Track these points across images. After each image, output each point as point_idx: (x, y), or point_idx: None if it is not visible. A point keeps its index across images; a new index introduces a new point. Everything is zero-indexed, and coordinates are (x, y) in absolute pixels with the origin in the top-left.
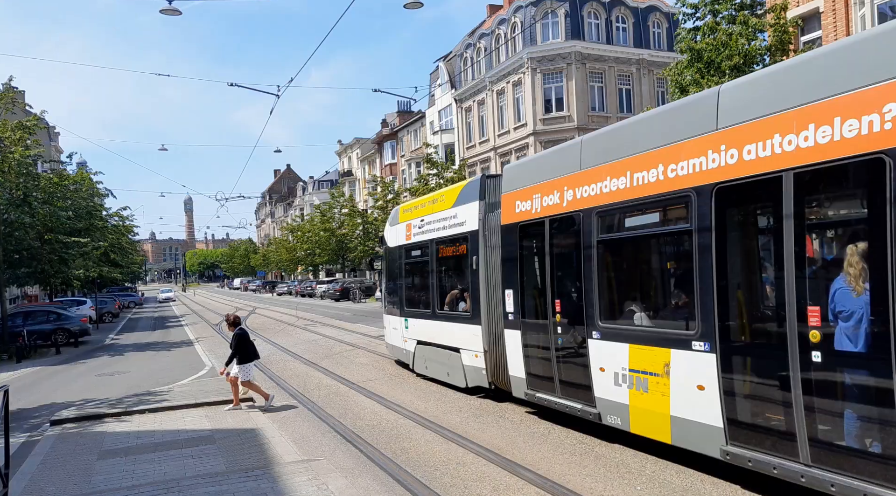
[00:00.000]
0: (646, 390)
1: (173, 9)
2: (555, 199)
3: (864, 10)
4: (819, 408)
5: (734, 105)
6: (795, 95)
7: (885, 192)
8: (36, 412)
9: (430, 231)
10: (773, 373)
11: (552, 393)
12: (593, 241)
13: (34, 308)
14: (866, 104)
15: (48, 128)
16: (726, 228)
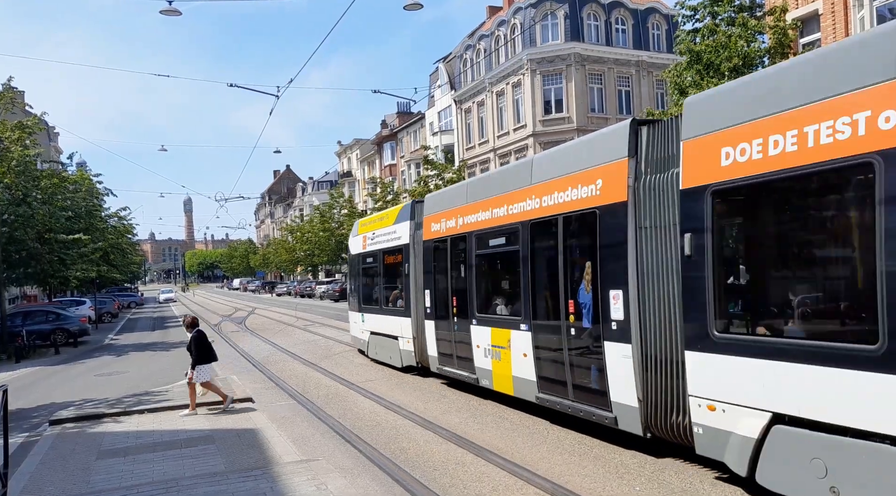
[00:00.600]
0: (499, 359)
1: (173, 9)
2: (453, 223)
3: (863, 13)
4: (576, 364)
5: (539, 170)
6: (557, 169)
7: (595, 237)
8: (35, 412)
9: (379, 242)
10: (557, 344)
11: (453, 366)
12: (473, 255)
13: (33, 308)
14: (584, 180)
15: (48, 128)
16: (536, 250)
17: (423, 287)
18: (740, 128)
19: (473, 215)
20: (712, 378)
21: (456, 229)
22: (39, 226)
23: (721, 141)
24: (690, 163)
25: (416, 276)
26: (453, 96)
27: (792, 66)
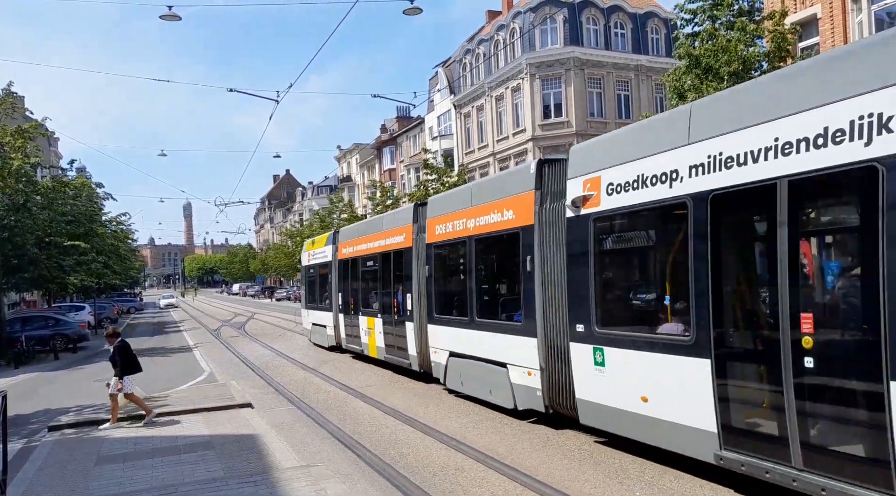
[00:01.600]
0: (369, 336)
1: (173, 14)
2: (356, 248)
3: (861, 17)
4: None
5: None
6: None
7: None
8: (34, 418)
9: (317, 258)
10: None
11: (352, 344)
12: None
13: (32, 313)
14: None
15: (47, 134)
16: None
17: (338, 291)
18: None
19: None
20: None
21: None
22: (39, 231)
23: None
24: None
25: (336, 283)
26: (453, 101)
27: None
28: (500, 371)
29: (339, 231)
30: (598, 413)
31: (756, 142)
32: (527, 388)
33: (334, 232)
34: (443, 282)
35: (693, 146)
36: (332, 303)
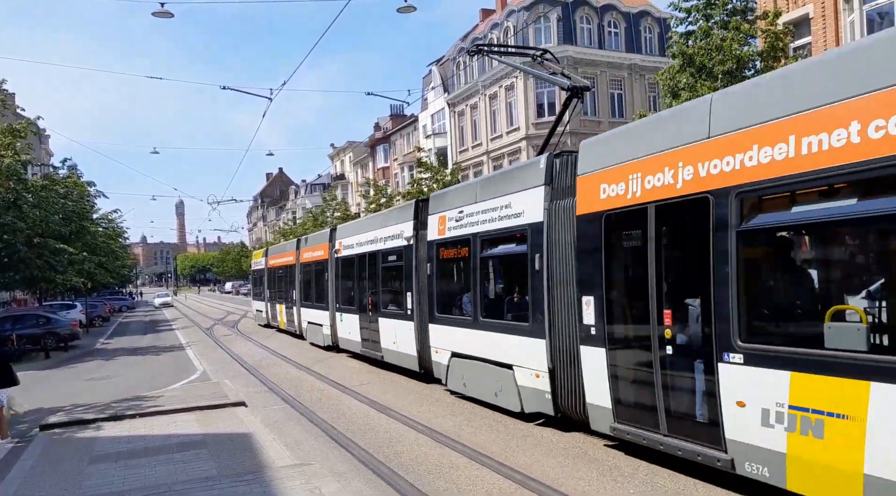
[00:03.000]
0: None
1: (165, 11)
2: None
3: (853, 16)
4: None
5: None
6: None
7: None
8: (25, 417)
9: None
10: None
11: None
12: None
13: (23, 312)
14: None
15: (39, 132)
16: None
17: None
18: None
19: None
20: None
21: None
22: (30, 230)
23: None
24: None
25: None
26: (446, 99)
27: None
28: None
29: (336, 228)
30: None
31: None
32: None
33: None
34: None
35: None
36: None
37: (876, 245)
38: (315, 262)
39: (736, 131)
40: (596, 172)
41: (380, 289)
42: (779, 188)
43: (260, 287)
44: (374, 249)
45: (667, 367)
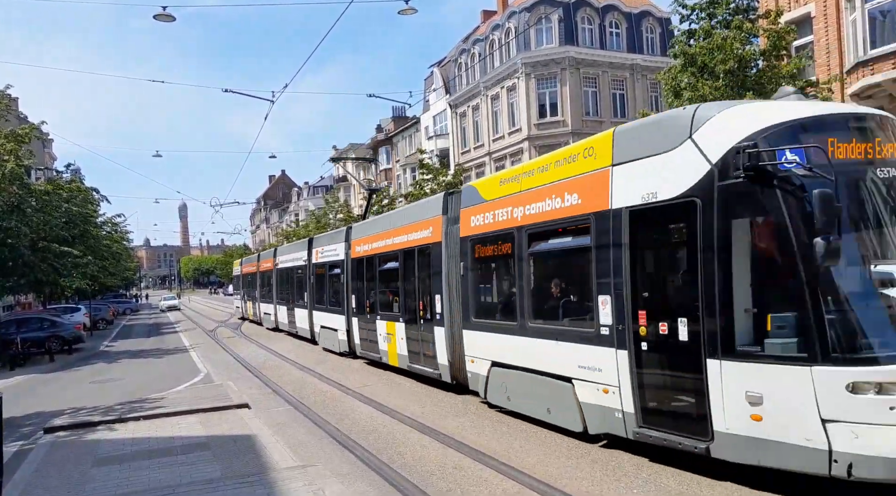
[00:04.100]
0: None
1: (167, 14)
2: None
3: (854, 15)
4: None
5: (355, 234)
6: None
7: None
8: (29, 420)
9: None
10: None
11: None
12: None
13: (28, 315)
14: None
15: (42, 137)
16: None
17: (352, 292)
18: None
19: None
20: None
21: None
22: (34, 234)
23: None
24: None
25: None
26: (448, 100)
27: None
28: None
29: (351, 227)
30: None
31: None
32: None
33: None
34: (482, 281)
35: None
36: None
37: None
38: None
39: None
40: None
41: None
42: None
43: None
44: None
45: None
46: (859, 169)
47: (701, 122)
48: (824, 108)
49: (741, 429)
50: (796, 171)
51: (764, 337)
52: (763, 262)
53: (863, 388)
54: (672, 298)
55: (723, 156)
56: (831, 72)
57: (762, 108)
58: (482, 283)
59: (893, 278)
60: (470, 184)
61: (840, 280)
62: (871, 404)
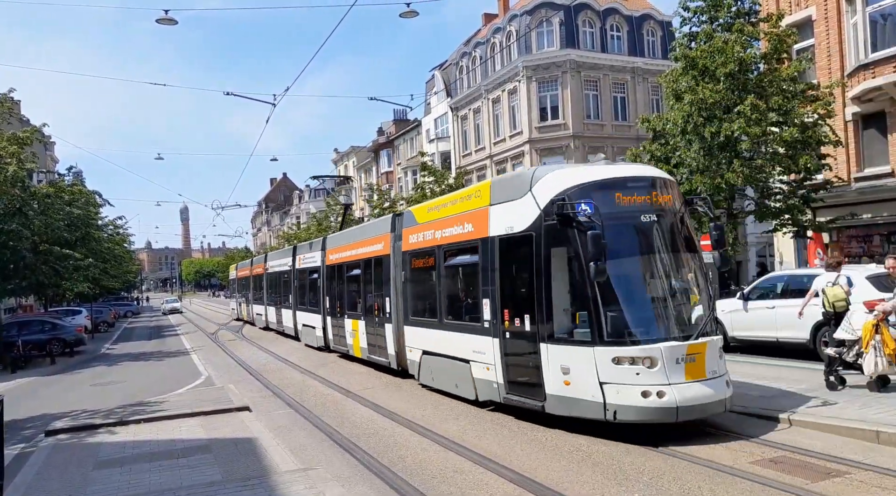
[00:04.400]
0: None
1: (169, 18)
2: (330, 257)
3: (856, 18)
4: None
5: (329, 244)
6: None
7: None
8: (30, 423)
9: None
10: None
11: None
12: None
13: (29, 318)
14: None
15: (44, 140)
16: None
17: (326, 294)
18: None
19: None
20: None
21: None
22: (35, 237)
23: (407, 235)
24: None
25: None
26: (449, 103)
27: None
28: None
29: (327, 238)
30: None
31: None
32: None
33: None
34: (416, 287)
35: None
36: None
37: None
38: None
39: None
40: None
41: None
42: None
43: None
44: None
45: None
46: (627, 215)
47: (536, 181)
48: (612, 172)
49: (559, 392)
50: (583, 217)
51: (572, 327)
52: (569, 278)
53: (621, 361)
54: (522, 301)
55: (546, 205)
56: (832, 75)
57: (572, 173)
58: (416, 289)
59: (654, 287)
60: (409, 209)
61: (609, 290)
62: (626, 371)
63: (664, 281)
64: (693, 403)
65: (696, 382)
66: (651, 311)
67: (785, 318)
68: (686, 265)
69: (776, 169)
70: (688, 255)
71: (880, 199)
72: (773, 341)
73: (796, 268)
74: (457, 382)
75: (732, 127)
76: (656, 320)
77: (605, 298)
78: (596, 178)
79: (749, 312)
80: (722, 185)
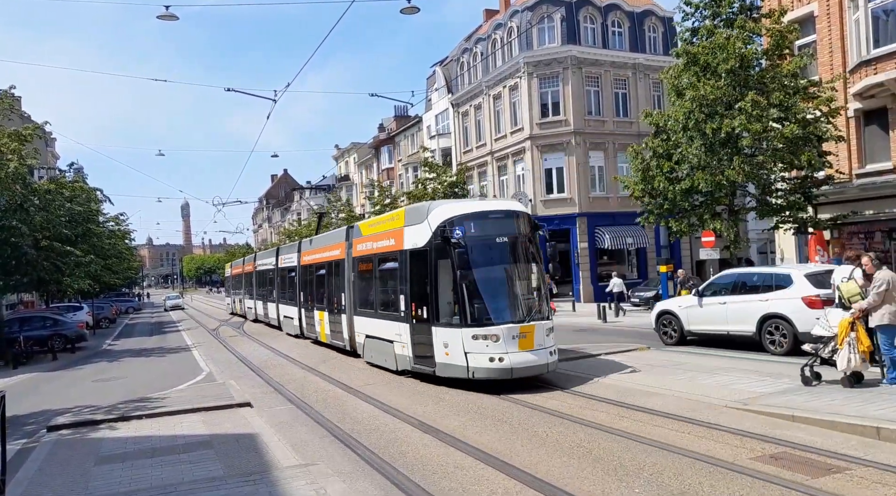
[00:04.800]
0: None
1: (170, 14)
2: (303, 258)
3: (858, 14)
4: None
5: (303, 247)
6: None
7: (297, 274)
8: (32, 418)
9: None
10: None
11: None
12: (308, 274)
13: (31, 314)
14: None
15: (45, 135)
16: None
17: (300, 290)
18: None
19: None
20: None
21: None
22: (37, 233)
23: (356, 244)
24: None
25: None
26: (450, 100)
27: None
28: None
29: (302, 241)
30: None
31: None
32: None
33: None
34: (361, 285)
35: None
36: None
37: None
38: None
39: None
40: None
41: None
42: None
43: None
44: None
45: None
46: (486, 237)
47: (430, 212)
48: (480, 206)
49: (443, 360)
50: (455, 239)
51: (450, 316)
52: (448, 281)
53: (477, 338)
54: (422, 297)
55: (435, 229)
56: (834, 71)
57: (454, 207)
58: (361, 287)
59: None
60: (357, 224)
61: (472, 290)
62: (480, 344)
63: (510, 283)
64: (523, 366)
65: (526, 352)
66: (498, 304)
67: (735, 313)
68: (528, 272)
69: (777, 165)
70: (531, 265)
71: (882, 195)
72: (725, 334)
73: (797, 264)
74: (385, 358)
75: (734, 123)
76: (501, 310)
77: (468, 296)
78: (467, 211)
79: (703, 308)
80: (723, 182)
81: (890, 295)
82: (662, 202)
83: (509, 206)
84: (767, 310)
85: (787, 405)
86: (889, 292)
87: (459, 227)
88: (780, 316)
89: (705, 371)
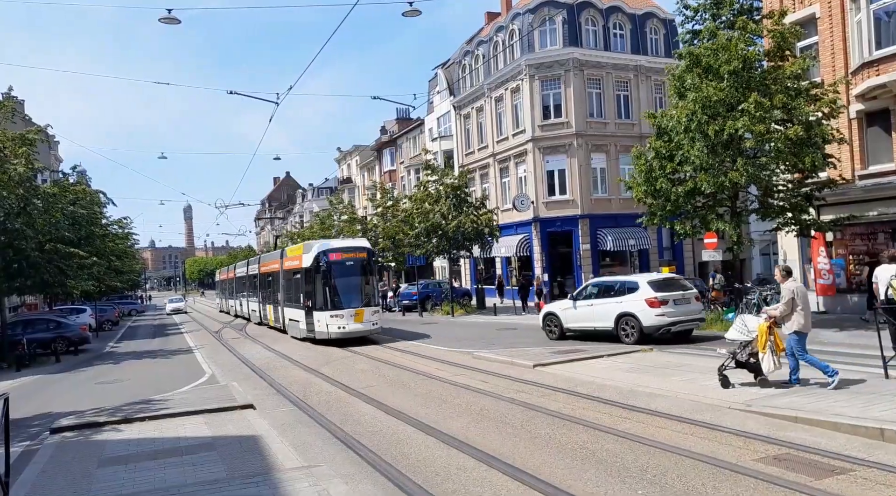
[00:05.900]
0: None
1: (172, 17)
2: (261, 268)
3: (860, 16)
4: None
5: (262, 260)
6: (291, 254)
7: (257, 280)
8: (35, 420)
9: (250, 270)
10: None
11: (276, 323)
12: (259, 279)
13: (34, 316)
14: (297, 259)
15: (48, 139)
16: (263, 280)
17: (259, 290)
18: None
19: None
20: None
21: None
22: (40, 235)
23: (284, 261)
24: (285, 261)
25: (257, 286)
26: (452, 102)
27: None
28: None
29: (260, 256)
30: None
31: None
32: (302, 330)
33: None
34: (287, 288)
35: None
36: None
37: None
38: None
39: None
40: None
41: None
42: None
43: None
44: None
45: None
46: (341, 262)
47: (313, 246)
48: (340, 244)
49: (318, 330)
50: (322, 264)
51: (321, 305)
52: (322, 286)
53: (333, 317)
54: (309, 295)
55: (314, 257)
56: (836, 72)
57: (325, 244)
58: (287, 288)
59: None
60: (286, 248)
61: (332, 291)
62: (334, 320)
63: (354, 288)
64: (355, 330)
65: (358, 324)
66: (344, 298)
67: (599, 314)
68: (367, 283)
69: (780, 167)
70: (369, 278)
71: (885, 196)
72: (592, 330)
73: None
74: (297, 331)
75: (736, 125)
76: (346, 302)
77: (330, 294)
78: (331, 247)
79: (577, 309)
80: (725, 183)
81: (797, 303)
82: (665, 203)
83: (357, 244)
84: (621, 310)
85: (789, 406)
86: (795, 301)
87: (324, 256)
88: (630, 314)
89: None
